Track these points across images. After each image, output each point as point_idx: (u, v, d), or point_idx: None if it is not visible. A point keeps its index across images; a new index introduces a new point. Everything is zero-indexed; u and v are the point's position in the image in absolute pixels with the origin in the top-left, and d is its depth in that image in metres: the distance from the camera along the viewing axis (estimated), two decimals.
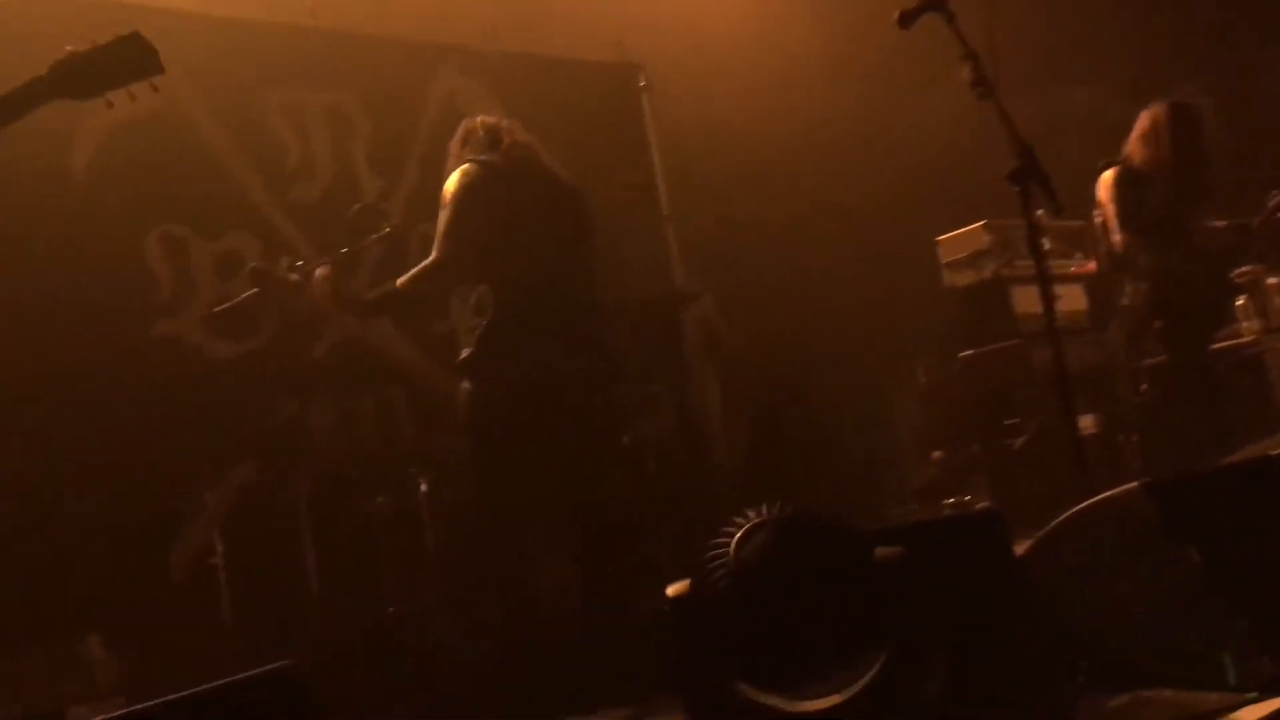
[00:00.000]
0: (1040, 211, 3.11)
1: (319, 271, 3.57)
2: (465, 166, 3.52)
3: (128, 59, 2.08)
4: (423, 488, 4.01)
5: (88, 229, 4.23)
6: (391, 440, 4.72)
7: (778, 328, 5.66)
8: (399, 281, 3.52)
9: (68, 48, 2.04)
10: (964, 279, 5.02)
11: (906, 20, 2.90)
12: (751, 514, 1.95)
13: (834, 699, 1.92)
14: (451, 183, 3.49)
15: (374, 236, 4.01)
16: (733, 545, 1.91)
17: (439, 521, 3.96)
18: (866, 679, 1.90)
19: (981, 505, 4.72)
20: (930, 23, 2.95)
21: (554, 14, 5.52)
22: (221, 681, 1.50)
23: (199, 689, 1.48)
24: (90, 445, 4.07)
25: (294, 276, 3.60)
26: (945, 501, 5.05)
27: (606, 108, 5.69)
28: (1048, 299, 2.82)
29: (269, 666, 1.51)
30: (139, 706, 1.44)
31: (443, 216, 3.47)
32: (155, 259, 4.43)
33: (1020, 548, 2.26)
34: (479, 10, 5.37)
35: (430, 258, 3.48)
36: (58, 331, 4.11)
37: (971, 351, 4.98)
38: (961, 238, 5.04)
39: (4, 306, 4.00)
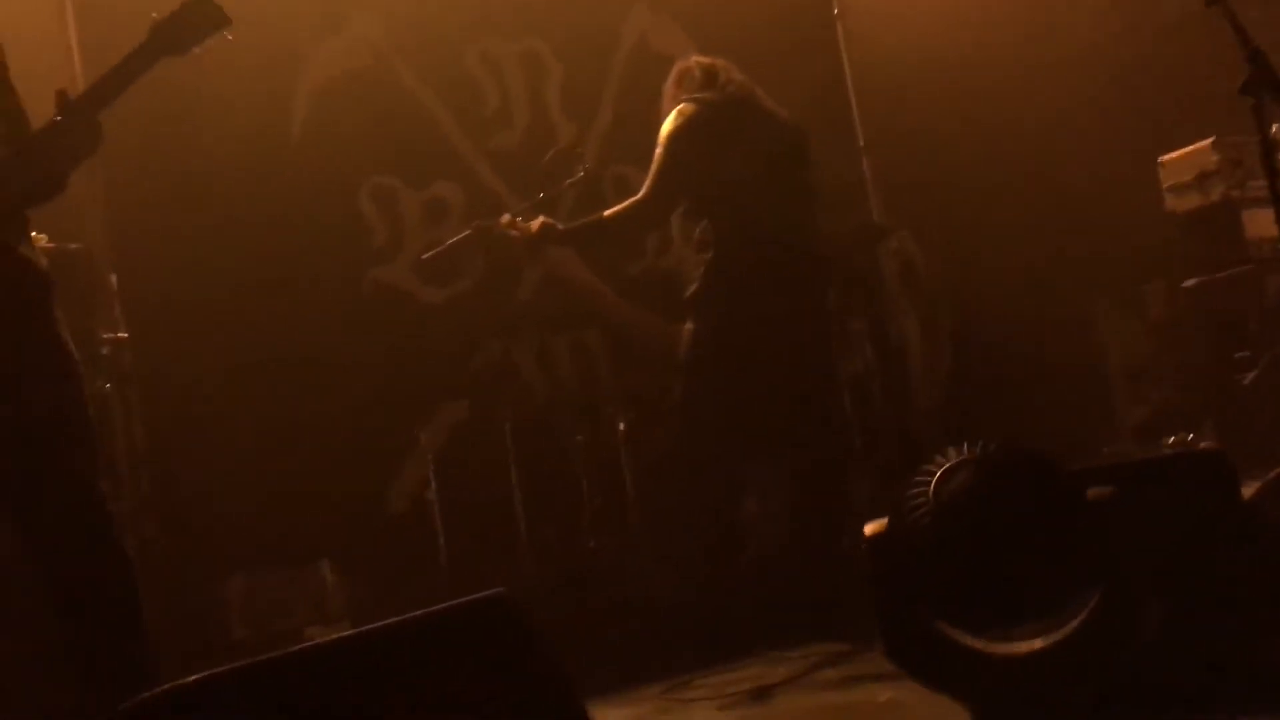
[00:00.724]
0: (1277, 126, 2.87)
1: (534, 223, 3.68)
2: (682, 106, 3.54)
3: (206, 15, 2.35)
4: (620, 426, 4.11)
5: (305, 185, 4.50)
6: (590, 380, 4.84)
7: (980, 260, 5.45)
8: (605, 214, 3.60)
9: (154, 16, 2.32)
10: (1190, 203, 4.69)
11: None
12: (953, 452, 1.91)
13: (1037, 643, 1.87)
14: (668, 123, 3.53)
15: (569, 181, 4.10)
16: (933, 484, 1.87)
17: (637, 459, 4.06)
18: (1075, 623, 1.84)
19: (1206, 445, 4.43)
20: None
21: None
22: (442, 606, 1.60)
23: (420, 612, 1.57)
24: (316, 385, 4.36)
25: (514, 232, 3.71)
26: (1166, 440, 4.77)
27: (800, 38, 5.57)
28: None
29: (485, 592, 1.59)
30: (367, 627, 1.55)
31: (656, 155, 3.51)
32: (368, 210, 4.67)
33: (1248, 491, 2.13)
34: None
35: (639, 194, 3.54)
36: (282, 281, 4.40)
37: (1198, 279, 4.66)
38: (1186, 158, 4.69)
39: (234, 261, 4.31)
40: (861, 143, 5.71)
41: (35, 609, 2.64)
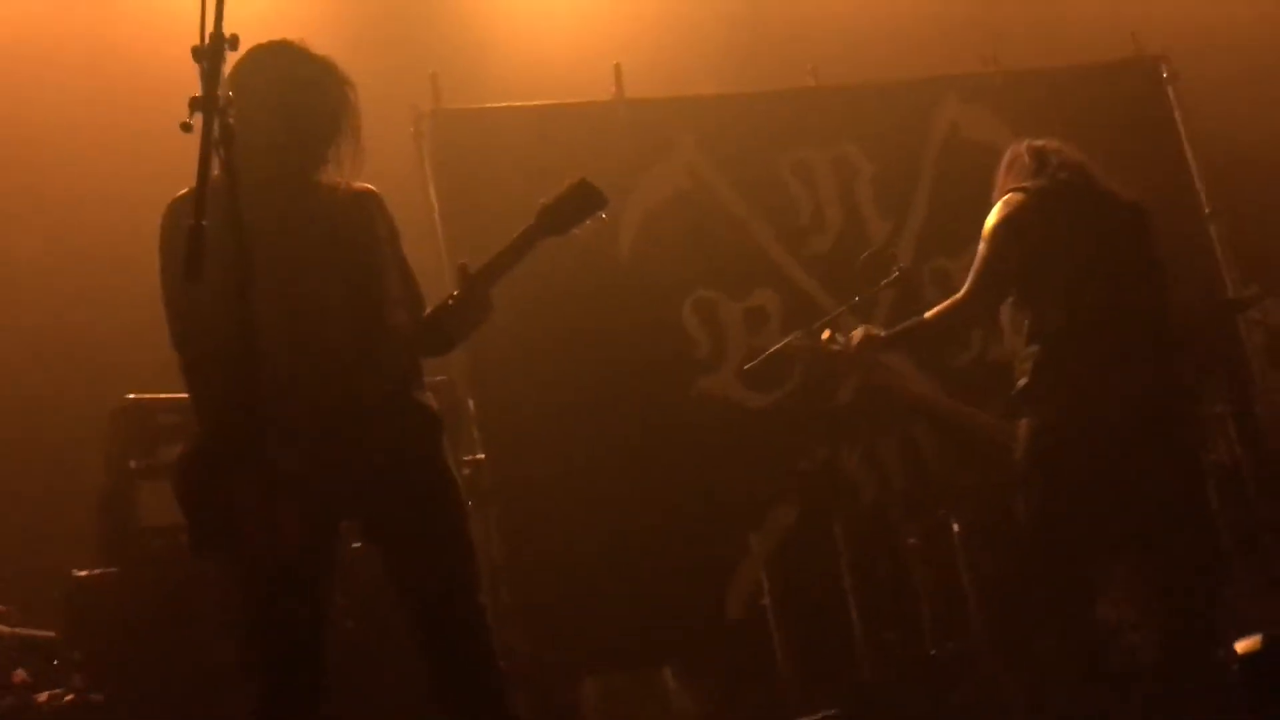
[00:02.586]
0: None
1: (856, 334, 3.69)
2: (1008, 196, 3.43)
3: (587, 198, 2.54)
4: (955, 527, 3.98)
5: (633, 301, 4.79)
6: (920, 479, 4.74)
7: None
8: (926, 315, 3.56)
9: (541, 200, 2.53)
10: None
11: None
12: None
13: None
14: (992, 215, 3.44)
15: (885, 281, 4.09)
16: None
17: (974, 560, 3.90)
18: None
19: None
20: None
21: (1058, 22, 5.27)
22: None
23: None
24: (652, 493, 4.57)
25: (835, 346, 3.75)
26: None
27: (1128, 107, 5.31)
28: None
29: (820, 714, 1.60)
30: None
31: (980, 250, 3.45)
32: (691, 322, 4.88)
33: None
34: (975, 34, 5.29)
35: (960, 292, 3.49)
36: (616, 396, 4.67)
37: None
38: None
39: (573, 379, 4.63)
40: (1207, 210, 5.31)
41: None
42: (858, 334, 3.63)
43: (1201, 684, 3.06)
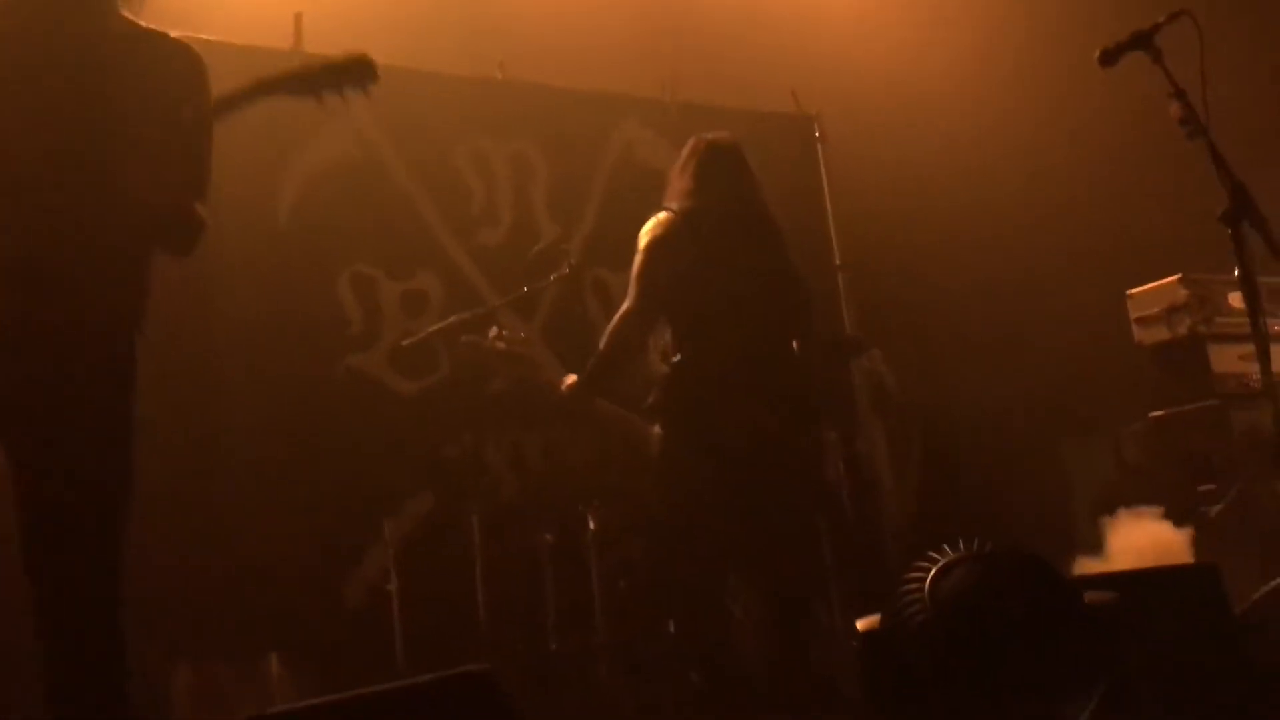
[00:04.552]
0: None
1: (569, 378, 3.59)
2: (661, 216, 3.44)
3: (358, 73, 2.33)
4: (591, 526, 4.04)
5: (288, 268, 4.49)
6: (560, 478, 4.79)
7: (949, 381, 5.52)
8: (600, 346, 3.47)
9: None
10: (1157, 336, 4.80)
11: (1109, 58, 2.78)
12: (948, 549, 1.89)
13: None
14: (646, 230, 3.45)
15: (553, 276, 4.12)
16: (928, 581, 1.85)
17: (605, 561, 3.98)
18: None
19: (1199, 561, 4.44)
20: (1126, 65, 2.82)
21: (730, 64, 5.60)
22: (428, 677, 1.54)
23: (407, 681, 1.52)
24: (281, 467, 4.28)
25: (500, 345, 3.69)
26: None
27: (782, 158, 5.70)
28: (1264, 355, 2.62)
29: (472, 666, 1.54)
30: (357, 692, 1.49)
31: (635, 261, 3.46)
32: (347, 297, 4.66)
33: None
34: (658, 63, 5.51)
35: (625, 304, 3.48)
36: (256, 361, 4.35)
37: (1165, 412, 4.75)
38: (1154, 292, 4.82)
39: (208, 334, 4.26)
40: (837, 260, 5.83)
41: None
42: (569, 379, 3.57)
43: (801, 690, 3.31)
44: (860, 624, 1.97)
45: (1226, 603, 2.03)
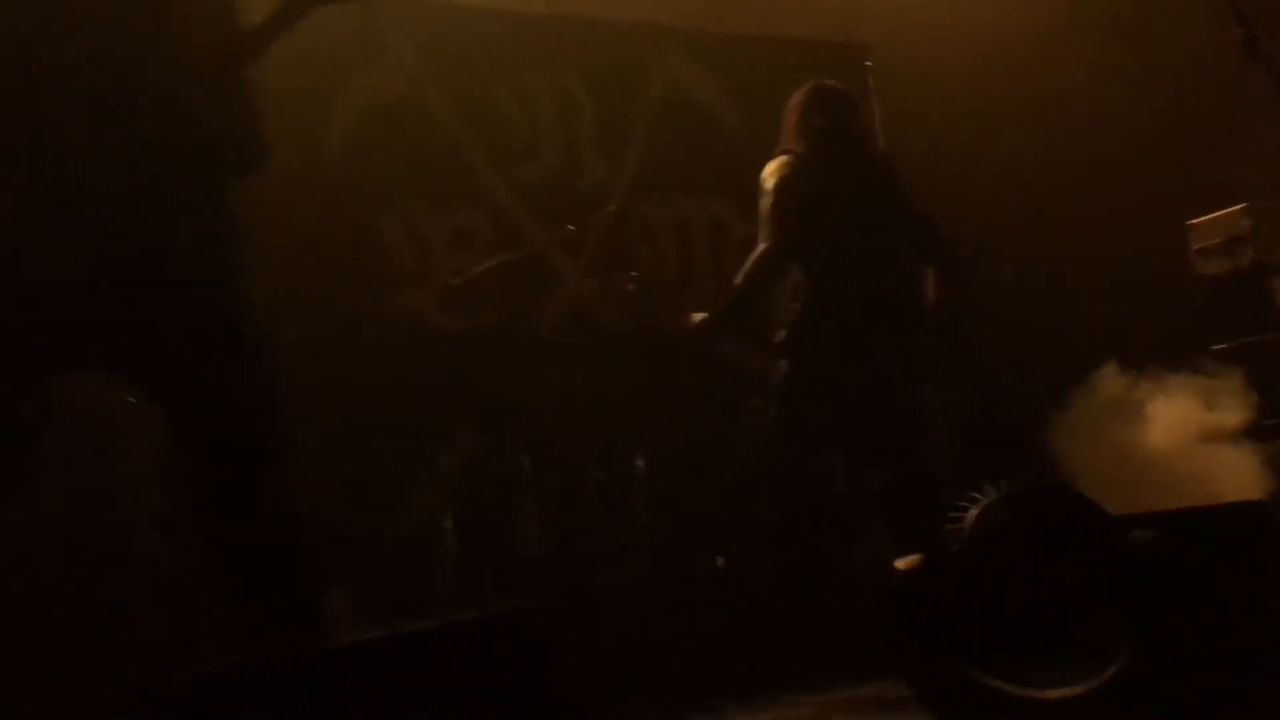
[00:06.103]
0: None
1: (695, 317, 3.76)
2: (781, 159, 3.63)
3: None
4: (639, 464, 4.08)
5: (336, 204, 4.50)
6: (610, 416, 4.81)
7: (1003, 318, 5.43)
8: (736, 283, 3.63)
9: None
10: (1218, 267, 4.68)
11: None
12: (990, 489, 1.87)
13: (1074, 689, 1.82)
14: (768, 172, 3.61)
15: (598, 215, 4.11)
16: (969, 519, 1.83)
17: (653, 498, 4.02)
18: (1112, 669, 1.78)
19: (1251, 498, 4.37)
20: None
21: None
22: (463, 617, 1.57)
23: (439, 621, 1.54)
24: (334, 404, 4.33)
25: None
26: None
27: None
28: None
29: (505, 605, 1.56)
30: (389, 632, 1.52)
31: (761, 203, 3.58)
32: (395, 234, 4.67)
33: None
34: None
35: (759, 245, 3.59)
36: (306, 298, 4.38)
37: (1225, 345, 4.64)
38: (1216, 221, 4.68)
39: (258, 270, 4.29)
40: None
41: None
42: (696, 316, 3.73)
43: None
44: (899, 563, 1.97)
45: (1277, 540, 1.99)
